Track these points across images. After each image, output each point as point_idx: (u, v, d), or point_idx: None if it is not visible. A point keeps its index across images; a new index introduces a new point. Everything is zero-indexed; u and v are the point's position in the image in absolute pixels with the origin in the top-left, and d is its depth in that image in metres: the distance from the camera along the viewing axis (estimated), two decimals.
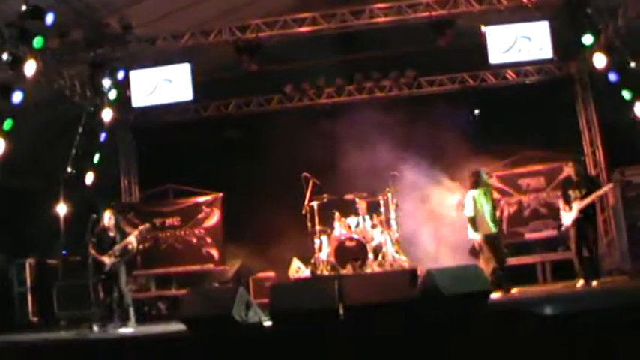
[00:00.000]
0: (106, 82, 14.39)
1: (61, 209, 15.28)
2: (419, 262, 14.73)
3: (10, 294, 15.85)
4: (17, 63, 12.88)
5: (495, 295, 11.26)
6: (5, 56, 12.75)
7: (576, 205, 12.42)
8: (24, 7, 12.11)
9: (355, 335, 8.34)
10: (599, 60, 13.80)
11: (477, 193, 12.74)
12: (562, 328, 7.55)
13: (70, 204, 15.40)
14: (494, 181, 16.60)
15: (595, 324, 7.45)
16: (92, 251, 12.49)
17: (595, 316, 7.90)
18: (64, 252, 15.84)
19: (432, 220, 16.34)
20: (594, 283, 12.23)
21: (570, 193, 12.63)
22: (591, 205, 12.67)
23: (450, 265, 11.04)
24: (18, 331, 13.70)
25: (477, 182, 12.87)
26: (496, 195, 16.55)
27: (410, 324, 8.44)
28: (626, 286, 12.65)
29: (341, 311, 9.21)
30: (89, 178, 15.36)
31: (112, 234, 12.60)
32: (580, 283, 12.37)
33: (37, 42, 12.65)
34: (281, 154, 16.14)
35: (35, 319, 15.61)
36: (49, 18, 12.32)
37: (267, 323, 9.55)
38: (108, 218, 12.69)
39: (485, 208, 12.68)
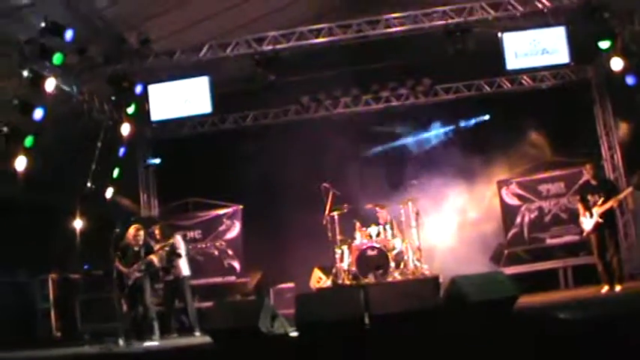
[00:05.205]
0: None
1: (78, 224, 15.36)
2: (439, 270, 14.70)
3: (34, 310, 15.90)
4: (37, 80, 12.99)
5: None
6: (25, 73, 12.85)
7: (596, 210, 12.36)
8: (43, 24, 12.20)
9: (382, 344, 8.33)
10: (617, 63, 13.79)
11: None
12: (589, 333, 7.52)
13: (90, 219, 15.47)
14: (514, 188, 16.67)
15: (622, 329, 7.42)
16: (118, 265, 12.55)
17: (622, 321, 7.87)
18: (85, 266, 15.90)
19: (452, 228, 16.37)
20: (618, 287, 12.17)
21: (589, 198, 12.56)
22: (611, 210, 12.62)
23: (475, 273, 10.97)
24: (42, 347, 13.72)
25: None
26: (516, 201, 16.64)
27: (436, 332, 8.42)
28: None
29: (367, 320, 9.22)
30: (109, 192, 15.45)
31: (136, 248, 12.66)
32: (605, 288, 12.31)
33: (57, 58, 12.76)
34: (300, 165, 16.19)
35: (59, 334, 15.64)
36: (68, 34, 12.40)
37: (294, 334, 9.55)
38: (133, 233, 12.75)
39: None
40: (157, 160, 17.89)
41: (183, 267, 13.89)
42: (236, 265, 17.36)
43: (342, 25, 14.21)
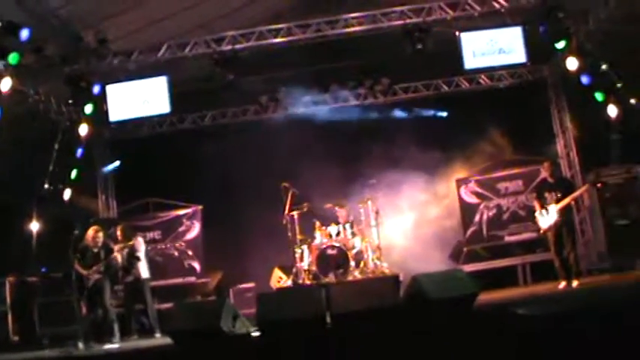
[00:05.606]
0: None
1: (35, 226, 15.17)
2: (399, 268, 14.75)
3: None
4: None
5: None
6: None
7: (553, 208, 12.53)
8: None
9: (344, 343, 8.35)
10: (572, 63, 14.01)
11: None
12: (547, 329, 7.61)
13: (48, 220, 15.28)
14: (473, 186, 16.84)
15: (580, 324, 7.52)
16: (77, 267, 12.41)
17: (579, 316, 7.98)
18: (43, 269, 15.67)
19: (411, 226, 16.45)
20: (575, 283, 12.35)
21: (546, 195, 12.73)
22: (568, 207, 12.81)
23: (435, 271, 11.05)
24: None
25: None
26: (475, 200, 16.80)
27: (398, 329, 8.46)
28: (608, 284, 12.77)
29: (328, 319, 9.23)
30: (67, 194, 15.28)
31: (95, 250, 12.53)
32: (562, 284, 12.49)
33: (13, 58, 12.56)
34: (259, 165, 16.18)
35: (16, 338, 15.38)
36: (24, 33, 12.22)
37: (255, 334, 9.53)
38: (92, 235, 12.61)
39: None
40: (116, 163, 17.76)
41: (143, 269, 13.78)
42: (196, 265, 17.28)
43: (300, 24, 14.25)
